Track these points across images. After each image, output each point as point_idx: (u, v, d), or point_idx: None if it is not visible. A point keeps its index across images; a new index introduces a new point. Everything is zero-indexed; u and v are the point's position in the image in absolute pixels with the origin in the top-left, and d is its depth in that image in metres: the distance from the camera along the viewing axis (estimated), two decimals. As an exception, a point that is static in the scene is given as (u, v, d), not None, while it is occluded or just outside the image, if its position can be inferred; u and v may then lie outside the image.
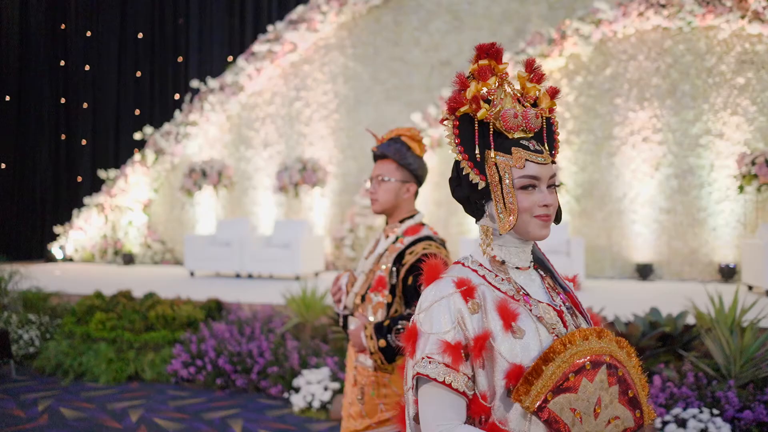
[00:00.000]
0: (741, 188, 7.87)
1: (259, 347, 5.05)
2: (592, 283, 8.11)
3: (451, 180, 1.27)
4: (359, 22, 9.89)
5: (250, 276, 8.72)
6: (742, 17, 8.11)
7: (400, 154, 2.08)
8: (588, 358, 1.11)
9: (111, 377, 5.25)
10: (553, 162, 1.25)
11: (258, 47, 10.03)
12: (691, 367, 4.18)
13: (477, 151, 1.20)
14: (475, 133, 1.21)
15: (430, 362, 1.12)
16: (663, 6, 8.31)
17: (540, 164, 1.19)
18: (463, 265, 1.24)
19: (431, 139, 9.11)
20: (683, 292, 6.70)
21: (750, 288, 7.23)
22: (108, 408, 4.61)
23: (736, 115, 8.28)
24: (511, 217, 1.18)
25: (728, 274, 8.03)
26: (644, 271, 8.41)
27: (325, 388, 4.43)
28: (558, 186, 1.24)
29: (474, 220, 1.37)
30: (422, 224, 2.17)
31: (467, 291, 1.15)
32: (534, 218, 1.19)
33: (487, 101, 1.23)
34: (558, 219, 1.26)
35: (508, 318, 1.14)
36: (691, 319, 4.89)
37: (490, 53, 1.24)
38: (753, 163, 7.68)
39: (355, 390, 2.05)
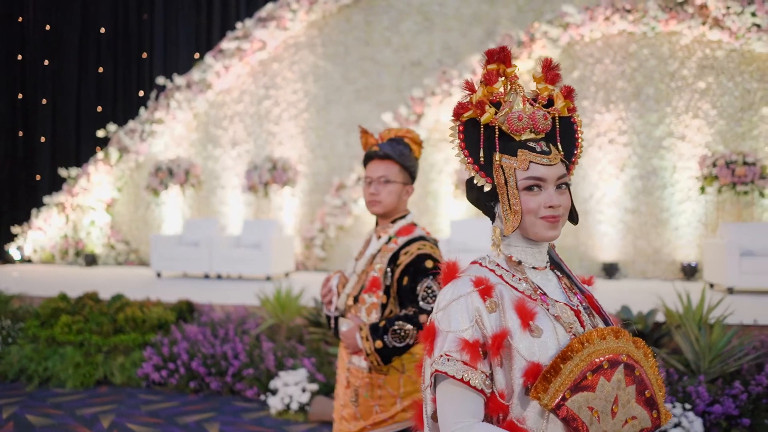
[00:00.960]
0: (702, 189, 8.13)
1: (234, 349, 4.97)
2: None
3: (466, 182, 1.28)
4: (329, 21, 9.84)
5: (219, 276, 8.58)
6: (703, 23, 8.38)
7: (404, 157, 2.08)
8: (605, 357, 1.12)
9: (78, 382, 5.09)
10: (573, 162, 1.26)
11: (226, 44, 9.88)
12: (663, 363, 4.30)
13: (481, 155, 1.22)
14: (480, 136, 1.22)
15: (448, 360, 1.13)
16: (628, 11, 8.52)
17: (545, 165, 1.19)
18: (481, 264, 1.25)
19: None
20: (648, 291, 6.88)
21: (711, 286, 7.47)
22: (77, 414, 4.47)
23: (697, 118, 8.55)
24: (515, 219, 1.19)
25: (690, 272, 8.28)
26: (610, 270, 8.60)
27: (303, 390, 4.39)
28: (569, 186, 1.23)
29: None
30: (414, 224, 2.17)
31: (485, 290, 1.16)
32: (540, 219, 1.19)
33: (497, 104, 1.24)
34: (574, 219, 1.27)
35: (525, 317, 1.15)
36: (660, 317, 5.02)
37: (498, 57, 1.26)
38: (714, 164, 7.93)
39: (348, 392, 2.03)
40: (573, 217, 1.26)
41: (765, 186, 7.84)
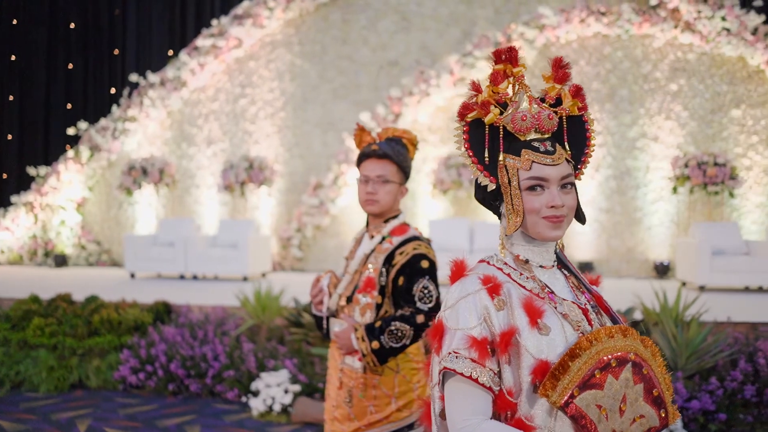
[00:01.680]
0: (675, 189, 8.30)
1: (214, 350, 4.90)
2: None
3: (474, 181, 1.28)
4: (306, 19, 9.77)
5: (195, 277, 8.46)
6: (675, 27, 8.56)
7: (402, 157, 2.08)
8: (613, 355, 1.13)
9: (52, 386, 4.97)
10: (583, 162, 1.26)
11: (202, 42, 9.74)
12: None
13: (486, 155, 1.22)
14: (485, 137, 1.22)
15: (456, 357, 1.13)
16: (603, 14, 8.65)
17: (548, 165, 1.20)
18: (488, 263, 1.25)
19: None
20: (623, 289, 7.00)
21: (683, 284, 7.63)
22: (52, 419, 4.36)
23: (669, 119, 8.73)
24: (517, 219, 1.20)
25: (662, 271, 8.45)
26: (585, 269, 8.73)
27: (286, 391, 4.35)
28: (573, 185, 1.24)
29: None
30: (407, 224, 2.16)
31: (493, 288, 1.17)
32: (542, 219, 1.20)
33: (504, 104, 1.25)
34: (581, 219, 1.27)
35: (533, 315, 1.15)
36: (638, 315, 5.11)
37: (505, 57, 1.26)
38: (686, 165, 8.11)
39: (341, 393, 2.02)
40: (580, 216, 1.27)
41: (734, 186, 8.05)
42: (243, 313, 5.51)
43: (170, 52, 10.50)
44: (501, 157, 1.22)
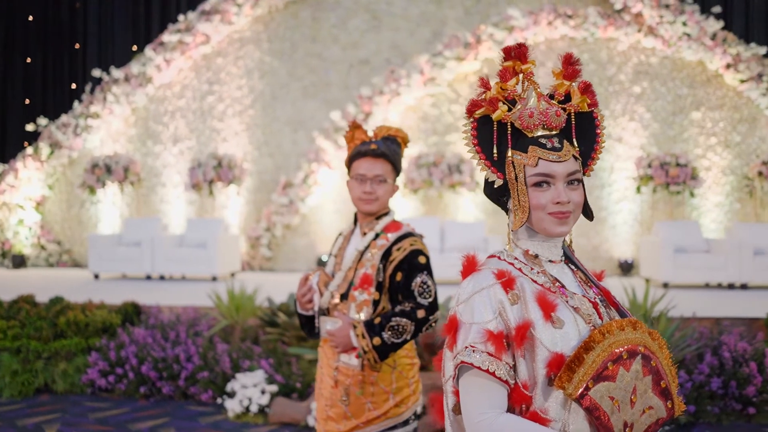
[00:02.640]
0: (638, 189, 8.53)
1: (186, 352, 4.81)
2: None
3: (485, 178, 1.29)
4: (276, 16, 9.68)
5: (162, 277, 8.29)
6: (639, 31, 8.79)
7: (397, 156, 2.10)
8: (624, 347, 1.15)
9: (16, 390, 4.80)
10: (593, 158, 1.28)
11: (168, 37, 9.54)
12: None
13: (495, 151, 1.24)
14: (493, 133, 1.24)
15: (473, 351, 1.13)
16: (570, 17, 8.82)
17: (554, 162, 1.21)
18: (499, 258, 1.26)
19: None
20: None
21: (647, 281, 7.83)
22: (18, 424, 4.20)
23: (633, 121, 8.96)
24: (522, 214, 1.21)
25: (627, 268, 8.67)
26: (552, 267, 8.88)
27: (263, 392, 4.30)
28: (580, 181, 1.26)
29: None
30: (398, 221, 2.17)
31: (507, 282, 1.18)
32: (548, 215, 1.21)
33: (513, 101, 1.26)
34: (589, 215, 1.29)
35: (547, 308, 1.16)
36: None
37: (515, 54, 1.27)
38: (649, 165, 8.34)
39: (336, 391, 2.00)
40: (587, 212, 1.29)
41: (695, 186, 8.32)
42: (216, 313, 5.42)
43: (134, 47, 10.25)
44: (509, 154, 1.23)
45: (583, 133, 1.27)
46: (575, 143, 1.26)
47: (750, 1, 9.08)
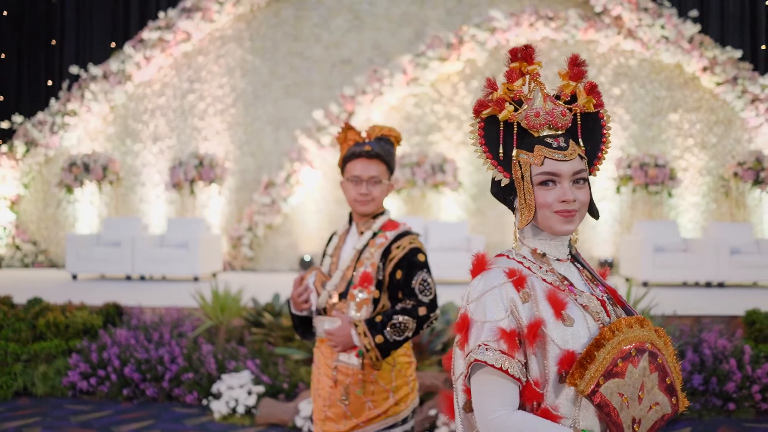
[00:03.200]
0: (618, 189, 8.65)
1: (171, 353, 4.75)
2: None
3: (492, 177, 1.30)
4: (258, 14, 9.61)
5: (142, 278, 8.17)
6: (618, 33, 8.92)
7: (391, 156, 2.11)
8: (633, 345, 1.17)
9: (-6, 394, 4.69)
10: (599, 158, 1.30)
11: (148, 34, 9.41)
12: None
13: (501, 150, 1.26)
14: (500, 133, 1.25)
15: (486, 349, 1.14)
16: (551, 19, 8.91)
17: (560, 161, 1.23)
18: (508, 257, 1.27)
19: (333, 137, 9.06)
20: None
21: (627, 280, 7.96)
22: (-3, 428, 4.12)
23: (612, 122, 9.06)
24: (528, 213, 1.23)
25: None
26: (534, 266, 8.97)
27: (249, 392, 4.27)
28: (585, 181, 1.28)
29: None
30: (395, 220, 2.18)
31: (518, 280, 1.19)
32: (554, 214, 1.23)
33: (519, 102, 1.28)
34: (595, 214, 1.31)
35: (558, 307, 1.18)
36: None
37: (521, 55, 1.29)
38: (629, 166, 8.46)
39: (336, 391, 2.00)
40: (593, 211, 1.30)
41: (673, 186, 8.47)
42: (200, 313, 5.36)
43: (113, 44, 10.09)
44: (514, 153, 1.25)
45: (588, 132, 1.29)
46: (581, 143, 1.28)
47: (725, 5, 9.27)
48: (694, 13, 8.94)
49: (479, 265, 1.24)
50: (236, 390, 4.27)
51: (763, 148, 8.83)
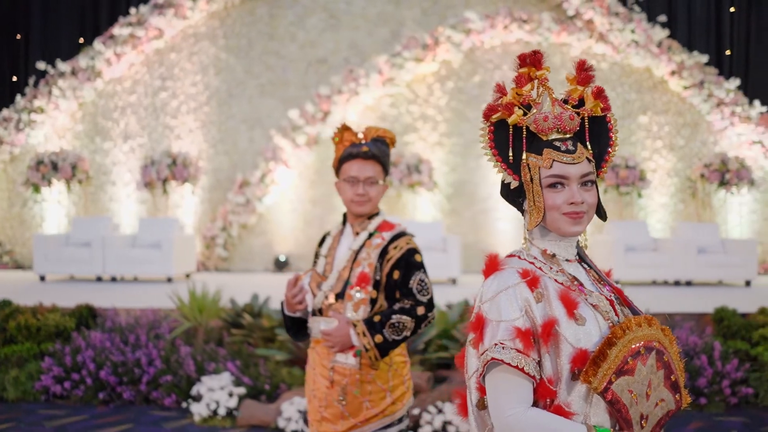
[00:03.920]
0: (590, 190, 8.81)
1: (148, 355, 4.67)
2: (465, 277, 8.57)
3: (501, 179, 1.33)
4: (232, 12, 9.51)
5: (113, 279, 8.01)
6: (590, 37, 9.09)
7: (386, 157, 2.13)
8: (642, 343, 1.21)
9: (-37, 400, 4.54)
10: (606, 160, 1.33)
11: (118, 30, 9.22)
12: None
13: (510, 154, 1.29)
14: (509, 137, 1.28)
15: (503, 348, 1.17)
16: (525, 21, 9.03)
17: (568, 164, 1.26)
18: (519, 257, 1.29)
19: (308, 137, 9.05)
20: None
21: (599, 278, 8.12)
22: (-32, 435, 3.99)
23: (584, 124, 9.24)
24: (537, 215, 1.26)
25: (579, 266, 8.95)
26: (508, 266, 9.07)
27: (230, 394, 4.23)
28: (593, 183, 1.31)
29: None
30: (390, 221, 2.19)
31: (532, 281, 1.22)
32: (563, 215, 1.26)
33: (528, 106, 1.30)
34: (602, 216, 1.34)
35: (570, 306, 1.21)
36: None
37: (529, 60, 1.32)
38: (600, 167, 8.62)
39: (333, 391, 2.00)
40: (600, 213, 1.34)
41: (643, 187, 8.67)
42: (176, 315, 5.28)
43: (81, 40, 9.85)
44: (524, 156, 1.27)
45: (596, 136, 1.32)
46: (588, 146, 1.31)
47: (692, 11, 9.53)
48: (662, 18, 9.16)
49: (492, 266, 1.26)
50: (217, 392, 4.23)
51: (728, 150, 9.11)
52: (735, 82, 9.00)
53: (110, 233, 8.14)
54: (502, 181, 1.33)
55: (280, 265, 9.10)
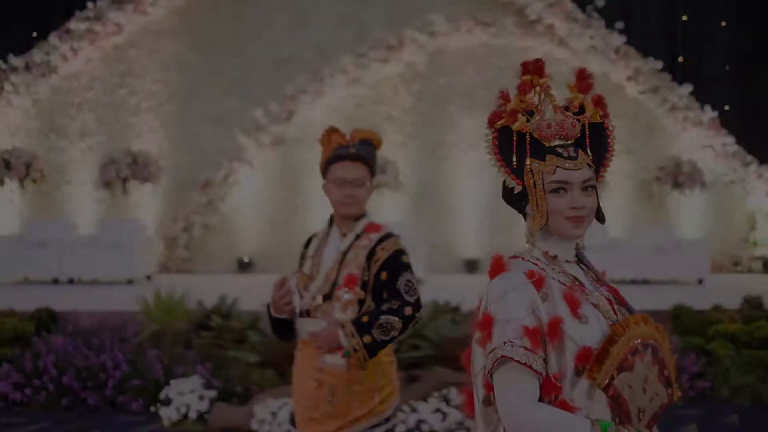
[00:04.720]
0: (551, 191, 9.02)
1: (113, 359, 4.55)
2: (432, 278, 8.63)
3: (502, 183, 1.37)
4: (194, 9, 9.34)
5: (71, 281, 7.76)
6: (551, 41, 9.31)
7: (374, 160, 2.16)
8: (640, 340, 1.27)
9: None
10: (604, 166, 1.39)
11: (75, 25, 8.94)
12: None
13: (514, 159, 1.33)
14: (513, 143, 1.33)
15: (512, 346, 1.21)
16: (488, 25, 9.18)
17: (570, 170, 1.32)
18: (523, 259, 1.34)
19: (274, 136, 8.98)
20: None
21: (560, 278, 8.33)
22: None
23: (546, 127, 9.46)
24: (541, 218, 1.31)
25: (540, 266, 9.15)
26: (471, 266, 9.22)
27: (201, 397, 4.16)
28: (593, 188, 1.37)
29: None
30: (376, 222, 2.22)
31: (538, 281, 1.27)
32: (565, 219, 1.32)
33: (531, 113, 1.35)
34: (601, 219, 1.40)
35: (574, 305, 1.26)
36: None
37: (532, 68, 1.37)
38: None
39: (321, 392, 2.01)
40: (600, 216, 1.40)
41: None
42: (141, 317, 5.16)
43: (35, 34, 9.50)
44: (527, 162, 1.32)
45: (595, 142, 1.38)
46: (589, 152, 1.36)
47: (647, 19, 9.87)
48: (620, 24, 9.45)
49: (497, 267, 1.31)
50: (187, 395, 4.16)
51: (681, 153, 9.46)
52: (688, 88, 9.36)
53: (67, 234, 7.90)
54: (505, 185, 1.36)
55: (244, 266, 9.00)
